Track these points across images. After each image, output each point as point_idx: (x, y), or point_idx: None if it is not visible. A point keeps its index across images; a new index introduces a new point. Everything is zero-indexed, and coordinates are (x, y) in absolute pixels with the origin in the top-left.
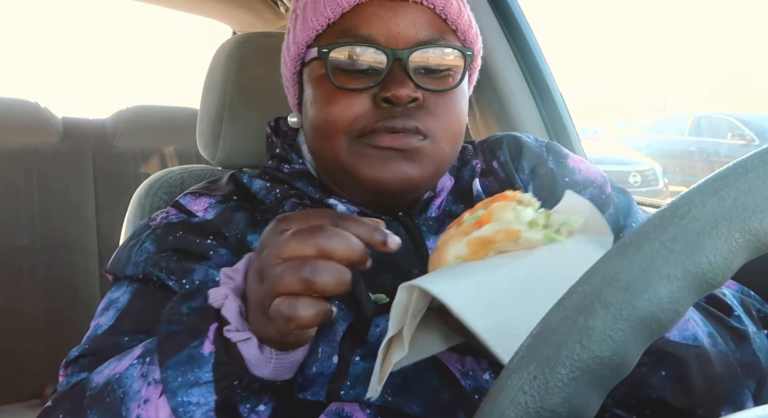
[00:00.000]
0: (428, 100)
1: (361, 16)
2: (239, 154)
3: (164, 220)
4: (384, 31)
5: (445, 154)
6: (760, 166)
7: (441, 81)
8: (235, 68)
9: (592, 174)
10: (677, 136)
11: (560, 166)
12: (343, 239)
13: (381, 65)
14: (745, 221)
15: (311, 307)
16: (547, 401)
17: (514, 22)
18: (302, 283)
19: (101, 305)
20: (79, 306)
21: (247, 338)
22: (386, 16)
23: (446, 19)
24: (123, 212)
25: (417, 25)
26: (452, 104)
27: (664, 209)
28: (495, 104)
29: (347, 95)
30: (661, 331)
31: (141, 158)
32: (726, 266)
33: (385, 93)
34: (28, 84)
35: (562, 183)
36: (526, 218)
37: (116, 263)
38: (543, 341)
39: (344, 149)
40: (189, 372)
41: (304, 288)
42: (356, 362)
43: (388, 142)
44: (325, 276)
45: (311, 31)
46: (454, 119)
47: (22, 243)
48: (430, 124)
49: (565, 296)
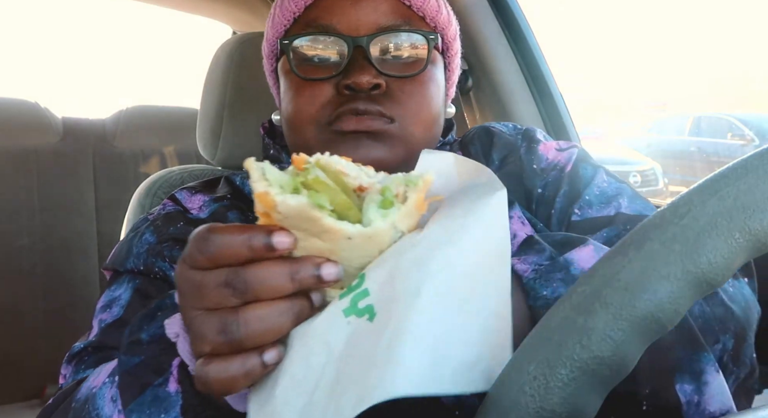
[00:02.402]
0: (393, 86)
1: (323, 7)
2: (239, 154)
3: (162, 212)
4: (345, 19)
5: (416, 138)
6: (760, 166)
7: (406, 67)
8: (235, 68)
9: (558, 157)
10: (677, 136)
11: (529, 153)
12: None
13: (342, 54)
14: (745, 220)
15: (224, 367)
16: (547, 401)
17: (514, 22)
18: (223, 341)
19: (101, 303)
20: (79, 306)
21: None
22: (346, 5)
23: (411, 5)
24: (123, 212)
25: (379, 13)
26: (420, 89)
27: (664, 209)
28: (495, 104)
29: (312, 85)
30: (661, 331)
31: (141, 158)
32: (726, 266)
33: (346, 80)
34: (29, 84)
35: (530, 171)
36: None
37: (116, 258)
38: (543, 341)
39: (314, 138)
40: (155, 416)
41: (227, 347)
42: None
43: (354, 124)
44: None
45: (280, 27)
46: (422, 104)
47: (22, 243)
48: (396, 109)
49: (565, 296)
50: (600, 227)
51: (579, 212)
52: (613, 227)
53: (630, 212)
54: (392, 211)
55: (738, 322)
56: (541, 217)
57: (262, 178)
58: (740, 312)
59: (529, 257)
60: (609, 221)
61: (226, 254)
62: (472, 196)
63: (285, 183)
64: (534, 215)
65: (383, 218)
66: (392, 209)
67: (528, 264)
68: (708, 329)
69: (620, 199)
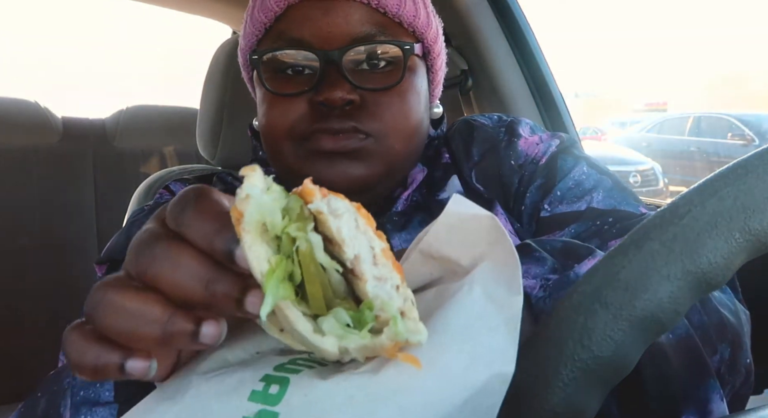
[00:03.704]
0: (369, 99)
1: (293, 18)
2: (239, 153)
3: (159, 200)
4: (316, 32)
5: (396, 151)
6: (760, 166)
7: (383, 78)
8: (235, 68)
9: (534, 150)
10: (677, 136)
11: (508, 148)
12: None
13: (315, 68)
14: (745, 220)
15: (80, 349)
16: (547, 401)
17: (514, 22)
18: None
19: None
20: (79, 306)
21: None
22: (317, 16)
23: (385, 12)
24: (123, 212)
25: (351, 23)
26: (397, 101)
27: (664, 209)
28: (495, 104)
29: (283, 100)
30: (661, 331)
31: (141, 158)
32: (726, 266)
33: (318, 97)
34: (28, 84)
35: (508, 167)
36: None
37: (113, 249)
38: (543, 341)
39: (291, 154)
40: (91, 387)
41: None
42: None
43: (330, 144)
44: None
45: (252, 37)
46: (400, 117)
47: (22, 243)
48: (371, 124)
49: (565, 296)
50: (569, 222)
51: (548, 207)
52: (581, 222)
53: (602, 207)
54: (354, 338)
55: (732, 328)
56: (516, 214)
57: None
58: (732, 318)
59: (531, 269)
60: (578, 216)
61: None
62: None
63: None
64: (510, 212)
65: (339, 339)
66: (355, 336)
67: (533, 278)
68: (707, 340)
69: (594, 192)
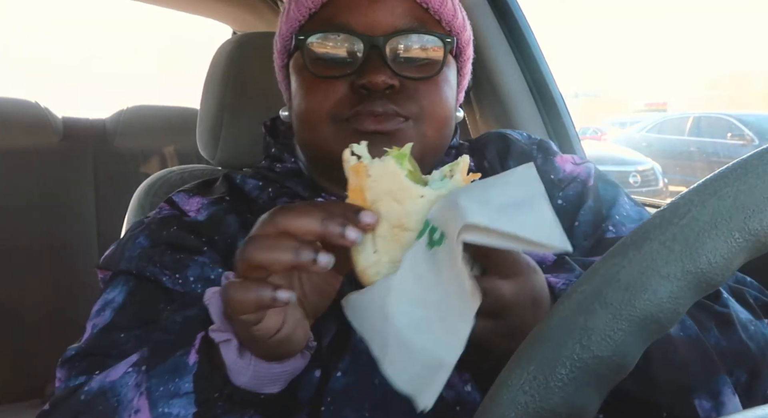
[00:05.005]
0: (408, 86)
1: (340, 5)
2: (239, 154)
3: (157, 215)
4: (362, 19)
5: (429, 139)
6: (760, 166)
7: (421, 69)
8: (235, 68)
9: (576, 170)
10: (677, 136)
11: (546, 164)
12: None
13: (358, 53)
14: (745, 221)
15: (242, 291)
16: (547, 401)
17: (514, 22)
18: (242, 263)
19: (97, 307)
20: (79, 306)
21: (227, 339)
22: (364, 4)
23: (428, 8)
24: (123, 212)
25: (395, 14)
26: (434, 90)
27: (664, 209)
28: (495, 104)
29: (326, 83)
30: (661, 331)
31: (141, 158)
32: (726, 266)
33: (361, 80)
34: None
35: (547, 180)
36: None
37: (110, 259)
38: (543, 341)
39: (330, 136)
40: (171, 382)
41: (244, 267)
42: (337, 377)
43: (373, 125)
44: (262, 252)
45: (294, 23)
46: (436, 105)
47: (22, 243)
48: (411, 108)
49: (565, 296)
50: None
51: (614, 228)
52: None
53: None
54: (447, 182)
55: (754, 359)
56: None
57: (353, 159)
58: (757, 350)
59: (561, 275)
60: None
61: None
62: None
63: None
64: None
65: (443, 186)
66: (446, 180)
67: (559, 278)
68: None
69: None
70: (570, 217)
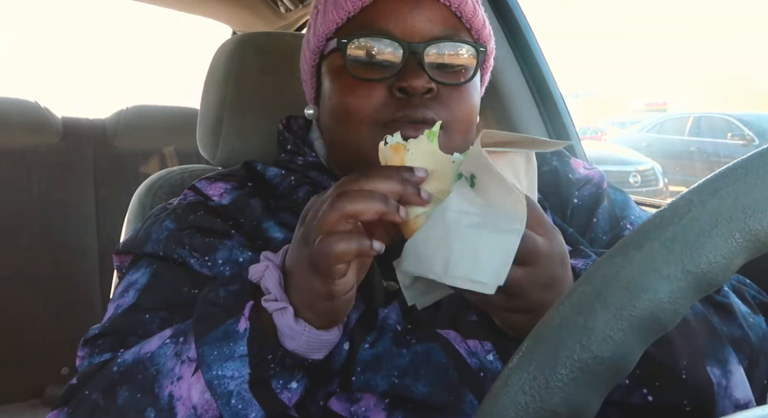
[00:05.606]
0: (442, 92)
1: (380, 10)
2: (239, 153)
3: (183, 201)
4: (401, 25)
5: (457, 145)
6: (760, 166)
7: (454, 75)
8: (235, 68)
9: (590, 173)
10: (677, 136)
11: (563, 164)
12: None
13: (397, 58)
14: (745, 220)
15: (345, 241)
16: (547, 401)
17: (514, 22)
18: (336, 213)
19: (120, 288)
20: (79, 306)
21: (283, 307)
22: (404, 11)
23: (461, 17)
24: (123, 212)
25: (432, 22)
26: (466, 97)
27: (664, 209)
28: (495, 104)
29: (365, 86)
30: (661, 331)
31: (141, 158)
32: (726, 266)
33: (401, 83)
34: (29, 84)
35: (565, 179)
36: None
37: (133, 242)
38: (543, 341)
39: (365, 138)
40: (225, 347)
41: (337, 218)
42: (365, 348)
43: (412, 132)
44: (358, 202)
45: (331, 24)
46: (466, 111)
47: (22, 243)
48: (445, 114)
49: (565, 296)
50: None
51: (631, 226)
52: None
53: None
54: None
55: (753, 347)
56: (576, 225)
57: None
58: (756, 340)
59: (579, 258)
60: None
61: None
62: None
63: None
64: (569, 223)
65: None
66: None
67: (578, 261)
68: None
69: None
70: (587, 215)
